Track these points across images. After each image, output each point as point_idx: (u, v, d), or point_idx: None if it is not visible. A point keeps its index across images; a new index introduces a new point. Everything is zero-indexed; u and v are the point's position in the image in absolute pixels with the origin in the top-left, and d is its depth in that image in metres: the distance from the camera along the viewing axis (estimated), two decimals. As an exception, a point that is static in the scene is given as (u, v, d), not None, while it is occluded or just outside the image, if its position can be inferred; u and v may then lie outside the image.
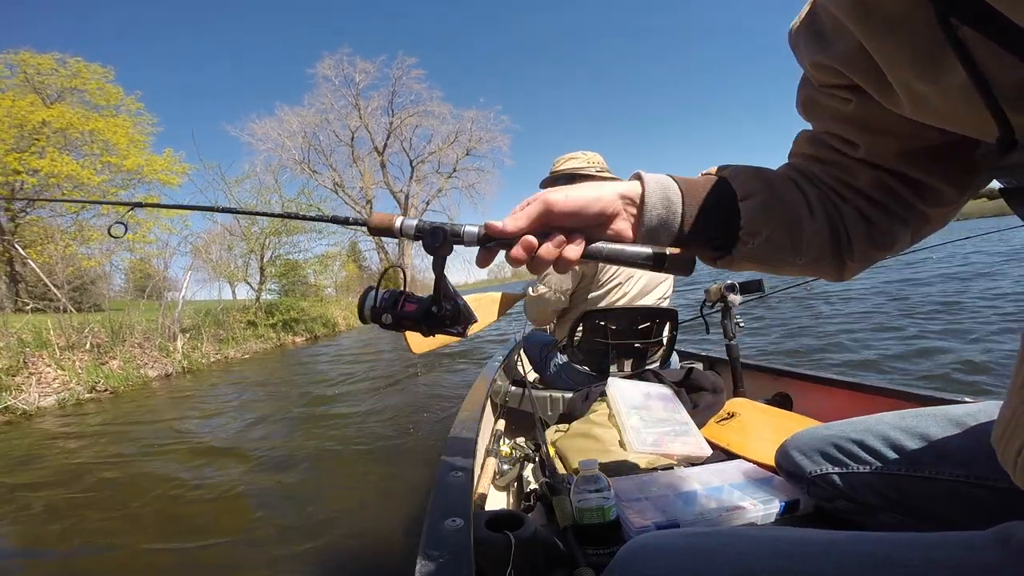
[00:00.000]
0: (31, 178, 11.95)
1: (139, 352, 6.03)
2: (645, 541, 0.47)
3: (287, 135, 27.89)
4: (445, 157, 31.20)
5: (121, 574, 1.67)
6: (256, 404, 4.26)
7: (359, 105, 29.71)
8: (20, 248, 11.46)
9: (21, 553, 1.89)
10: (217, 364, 7.03)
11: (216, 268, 9.49)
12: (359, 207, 28.90)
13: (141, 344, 6.18)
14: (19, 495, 2.35)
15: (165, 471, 2.57)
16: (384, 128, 30.33)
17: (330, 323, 11.21)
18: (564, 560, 0.71)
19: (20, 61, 13.75)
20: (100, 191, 13.44)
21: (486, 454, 1.34)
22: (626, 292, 1.58)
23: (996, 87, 0.29)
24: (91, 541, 1.86)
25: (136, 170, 13.83)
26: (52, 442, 3.37)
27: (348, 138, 29.85)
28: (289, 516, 1.95)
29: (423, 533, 0.63)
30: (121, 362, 5.54)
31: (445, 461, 0.92)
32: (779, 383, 1.50)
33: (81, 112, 13.57)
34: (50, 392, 4.46)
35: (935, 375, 2.72)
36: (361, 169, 30.13)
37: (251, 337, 8.42)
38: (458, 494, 0.76)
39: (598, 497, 0.77)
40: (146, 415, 4.08)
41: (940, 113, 0.34)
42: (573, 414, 1.41)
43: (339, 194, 27.88)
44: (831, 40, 0.38)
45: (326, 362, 6.60)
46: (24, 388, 4.36)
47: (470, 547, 0.59)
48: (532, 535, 0.65)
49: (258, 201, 10.16)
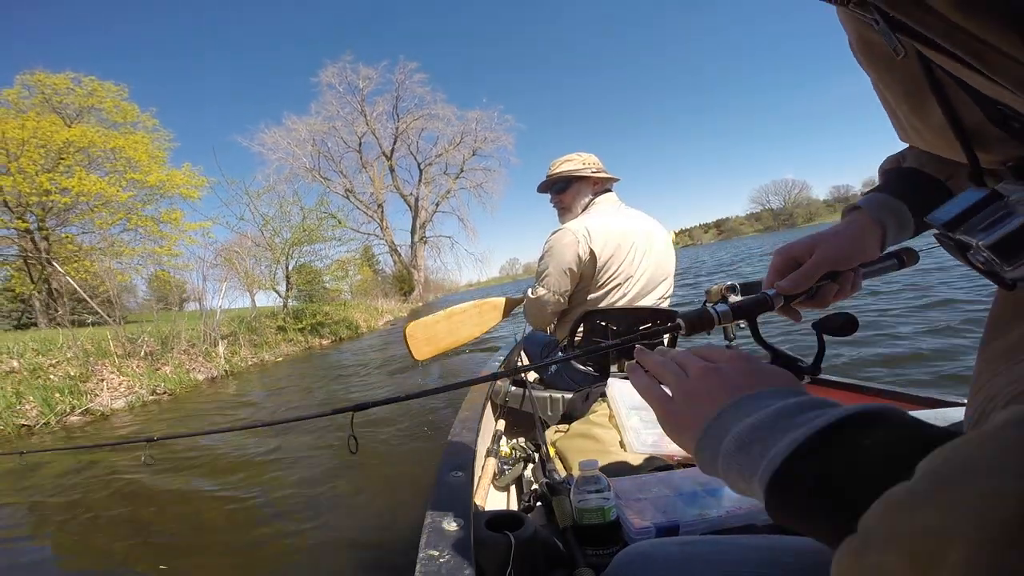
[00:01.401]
0: (64, 197, 12.48)
1: (186, 358, 6.47)
2: (640, 549, 0.48)
3: (296, 144, 28.41)
4: (452, 159, 31.57)
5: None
6: (289, 403, 4.61)
7: (364, 111, 30.13)
8: (58, 266, 12.05)
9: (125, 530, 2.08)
10: (254, 366, 7.47)
11: (247, 278, 9.94)
12: (370, 212, 29.39)
13: (187, 351, 6.63)
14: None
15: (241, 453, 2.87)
16: (391, 133, 30.74)
17: (352, 326, 11.65)
18: (564, 560, 0.71)
19: (37, 81, 14.22)
20: (127, 207, 14.02)
21: (486, 454, 1.34)
22: (626, 293, 1.56)
23: (967, 126, 0.32)
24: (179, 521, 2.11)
25: (159, 185, 14.37)
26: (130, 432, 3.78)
27: (356, 144, 30.30)
28: (289, 516, 1.97)
29: (423, 533, 0.63)
30: (172, 367, 5.99)
31: (445, 461, 0.92)
32: None
33: (101, 130, 14.04)
34: (119, 396, 4.91)
35: (936, 376, 2.65)
36: (371, 174, 30.57)
37: (282, 341, 8.87)
38: (458, 494, 0.76)
39: (598, 498, 0.77)
40: (205, 411, 4.51)
41: (932, 145, 0.37)
42: (573, 414, 1.41)
43: (351, 200, 28.37)
44: (858, 61, 0.39)
45: (349, 364, 6.96)
46: (98, 393, 4.81)
47: (470, 547, 0.60)
48: (532, 535, 0.65)
49: (279, 214, 10.59)
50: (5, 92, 14.16)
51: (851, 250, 0.50)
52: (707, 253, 37.47)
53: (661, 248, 1.63)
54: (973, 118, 0.31)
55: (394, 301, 21.52)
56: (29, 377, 4.75)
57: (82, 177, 12.76)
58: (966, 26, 0.24)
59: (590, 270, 1.54)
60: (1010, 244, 0.27)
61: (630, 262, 1.54)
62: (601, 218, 1.56)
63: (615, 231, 1.53)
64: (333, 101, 29.70)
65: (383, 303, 18.99)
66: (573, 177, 1.65)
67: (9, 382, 4.63)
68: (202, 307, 7.79)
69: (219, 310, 7.74)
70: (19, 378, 4.73)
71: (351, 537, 1.74)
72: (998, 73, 0.26)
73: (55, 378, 4.83)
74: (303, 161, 28.24)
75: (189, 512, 2.22)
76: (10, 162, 12.00)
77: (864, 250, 0.50)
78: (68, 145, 12.86)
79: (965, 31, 0.25)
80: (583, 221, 1.55)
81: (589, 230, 1.52)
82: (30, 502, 2.54)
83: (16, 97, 14.11)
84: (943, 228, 0.31)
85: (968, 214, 0.29)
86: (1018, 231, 0.27)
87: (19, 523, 2.34)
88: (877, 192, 0.52)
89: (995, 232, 0.28)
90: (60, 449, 1.26)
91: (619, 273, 1.54)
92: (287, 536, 1.82)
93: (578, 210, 1.66)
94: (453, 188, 31.65)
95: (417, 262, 29.60)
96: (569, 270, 1.54)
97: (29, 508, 2.47)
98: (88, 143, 13.24)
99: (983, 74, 0.27)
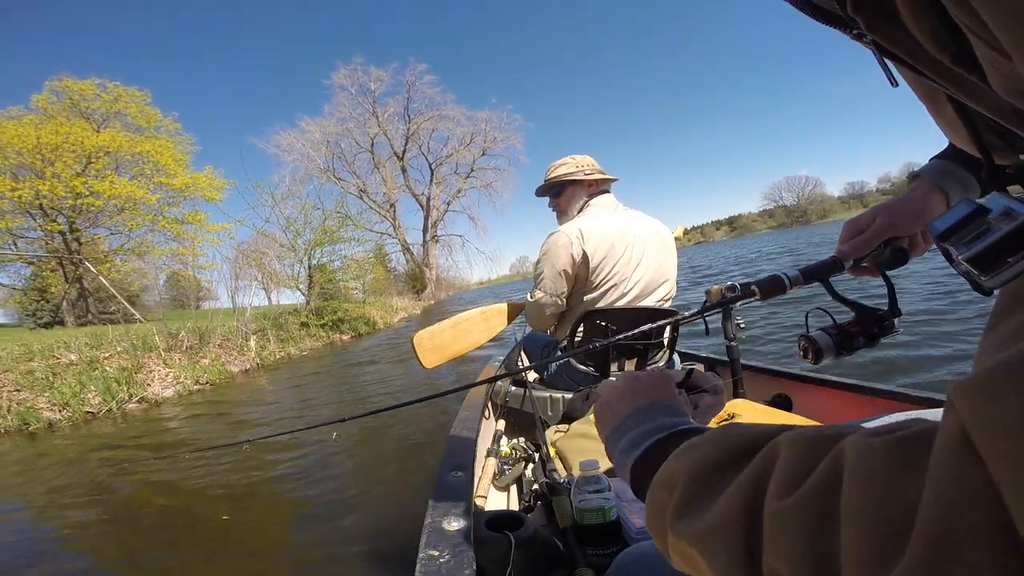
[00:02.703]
0: (97, 200, 13.06)
1: (221, 352, 6.92)
2: (643, 549, 0.49)
3: (311, 145, 28.98)
4: (462, 158, 31.91)
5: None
6: (311, 395, 4.93)
7: (376, 112, 30.58)
8: (91, 266, 12.65)
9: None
10: (282, 360, 7.91)
11: (273, 277, 10.44)
12: (383, 212, 29.89)
13: (221, 344, 7.08)
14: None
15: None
16: (402, 134, 31.16)
17: (370, 322, 12.10)
18: (564, 560, 0.72)
19: (65, 88, 14.66)
20: (154, 210, 14.60)
21: (486, 454, 1.33)
22: (623, 294, 1.56)
23: (977, 121, 0.34)
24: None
25: (184, 188, 14.92)
26: (186, 420, 4.21)
27: (368, 145, 30.79)
28: (289, 515, 1.99)
29: (423, 533, 0.64)
30: (210, 360, 6.43)
31: (445, 461, 0.92)
32: (779, 384, 1.49)
33: (129, 136, 14.51)
34: (168, 385, 5.36)
35: (937, 377, 2.62)
36: (383, 175, 31.04)
37: (305, 336, 9.31)
38: (458, 494, 0.76)
39: (599, 498, 0.77)
40: (244, 399, 4.93)
41: (953, 138, 0.38)
42: (573, 414, 1.40)
43: (364, 199, 28.84)
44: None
45: (367, 359, 7.33)
46: (149, 383, 5.25)
47: (470, 547, 0.60)
48: (532, 535, 0.65)
49: (301, 216, 11.08)
50: (35, 98, 14.71)
51: (910, 215, 0.54)
52: (725, 249, 36.63)
53: (660, 249, 1.63)
54: (982, 125, 0.34)
55: (407, 299, 21.99)
56: (87, 369, 5.21)
57: (113, 181, 13.32)
58: (951, 67, 0.27)
59: (584, 271, 1.55)
60: (985, 259, 0.29)
61: (626, 263, 1.55)
62: (595, 219, 1.58)
63: (609, 232, 1.55)
64: (345, 103, 30.26)
65: (397, 301, 19.46)
66: (567, 181, 1.68)
67: (71, 373, 5.09)
68: (234, 304, 8.25)
69: (249, 307, 8.20)
70: (79, 370, 5.18)
71: (351, 537, 1.74)
72: (976, 100, 0.29)
73: (110, 370, 5.28)
74: (317, 162, 28.85)
75: (185, 510, 2.27)
76: (45, 167, 12.62)
77: (926, 212, 0.53)
78: (99, 150, 13.41)
79: (951, 70, 0.27)
80: (577, 223, 1.57)
81: (582, 231, 1.54)
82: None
83: (46, 103, 14.63)
84: (937, 238, 0.33)
85: (957, 227, 0.32)
86: (992, 247, 0.29)
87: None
88: (937, 159, 0.55)
89: (973, 247, 0.30)
90: (279, 434, 1.53)
91: (614, 274, 1.54)
92: (286, 535, 1.81)
93: (574, 213, 1.68)
94: (464, 187, 32.05)
95: (429, 261, 30.07)
96: (564, 272, 1.57)
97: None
98: (117, 147, 13.76)
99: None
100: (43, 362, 5.26)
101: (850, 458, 0.18)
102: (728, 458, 0.25)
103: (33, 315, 15.03)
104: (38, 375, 4.95)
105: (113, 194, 13.12)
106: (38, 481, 2.97)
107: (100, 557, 1.96)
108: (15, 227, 13.33)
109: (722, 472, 0.25)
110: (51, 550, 2.06)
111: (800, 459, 0.21)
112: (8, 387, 4.70)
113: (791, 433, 0.23)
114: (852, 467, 0.18)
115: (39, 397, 4.68)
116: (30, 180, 12.34)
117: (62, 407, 4.60)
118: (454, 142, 31.75)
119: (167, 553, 1.91)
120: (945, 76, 0.29)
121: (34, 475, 3.13)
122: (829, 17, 0.32)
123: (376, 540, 1.72)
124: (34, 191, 12.15)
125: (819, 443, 0.21)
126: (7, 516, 2.49)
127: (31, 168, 12.49)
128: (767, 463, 0.22)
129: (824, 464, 0.19)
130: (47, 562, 1.94)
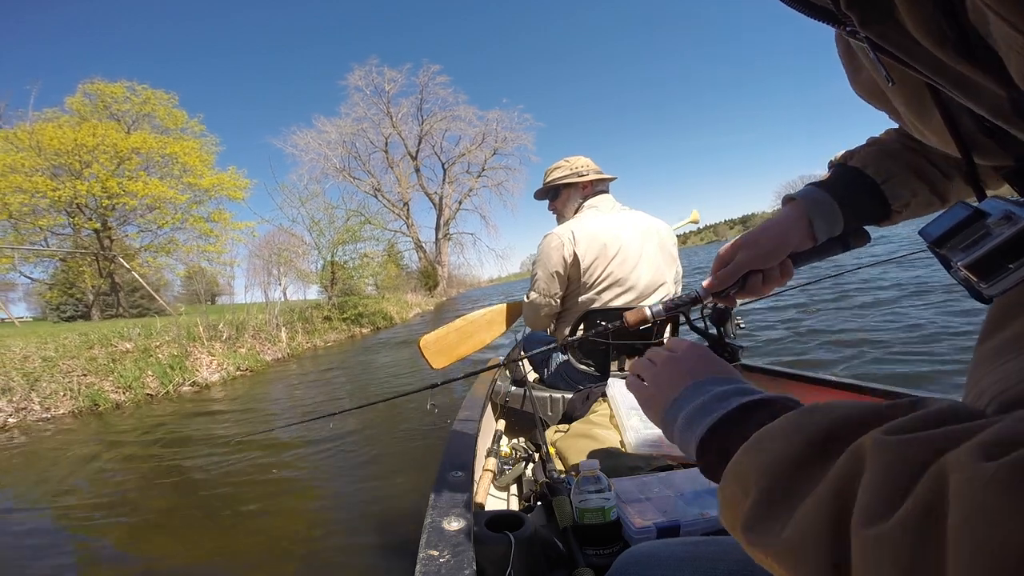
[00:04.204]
0: (132, 200, 13.73)
1: (256, 342, 7.46)
2: (645, 549, 0.49)
3: (326, 145, 29.63)
4: (474, 157, 32.33)
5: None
6: (334, 382, 5.42)
7: (390, 112, 31.10)
8: (124, 262, 13.35)
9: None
10: (309, 350, 8.46)
11: (299, 274, 11.06)
12: (397, 210, 30.48)
13: (255, 335, 7.62)
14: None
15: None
16: (415, 134, 31.67)
17: (387, 317, 12.66)
18: (564, 560, 0.72)
19: (97, 90, 15.30)
20: (183, 209, 15.28)
21: (486, 454, 1.33)
22: (621, 293, 1.56)
23: (964, 132, 0.34)
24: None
25: (211, 188, 15.53)
26: (232, 402, 4.72)
27: (383, 144, 31.36)
28: (288, 515, 1.99)
29: (423, 533, 0.64)
30: (246, 349, 6.97)
31: (445, 461, 0.92)
32: (779, 384, 1.50)
33: (158, 137, 15.13)
34: (213, 371, 5.89)
35: (938, 376, 2.63)
36: (397, 174, 31.60)
37: (329, 329, 9.86)
38: (458, 494, 0.76)
39: (599, 497, 0.76)
40: (282, 383, 5.43)
41: (936, 145, 0.39)
42: (573, 414, 1.40)
43: (379, 198, 29.41)
44: (859, 65, 0.40)
45: (386, 349, 7.85)
46: (198, 369, 5.79)
47: (470, 547, 0.60)
48: (532, 535, 0.65)
49: (326, 217, 11.70)
50: (69, 100, 15.38)
51: (771, 248, 0.55)
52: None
53: (659, 250, 1.62)
54: (968, 126, 0.33)
55: (420, 295, 22.55)
56: (143, 356, 5.75)
57: (145, 181, 13.98)
58: (949, 63, 0.26)
59: (576, 272, 1.56)
60: (985, 265, 0.29)
61: (620, 264, 1.55)
62: (588, 221, 1.59)
63: (599, 233, 1.55)
64: (360, 103, 30.81)
65: (411, 297, 20.02)
66: (561, 185, 1.69)
67: (128, 360, 5.64)
68: (267, 298, 8.82)
69: (279, 302, 8.75)
70: (135, 357, 5.73)
71: (351, 537, 1.75)
72: (976, 100, 0.28)
73: (162, 357, 5.83)
74: (333, 162, 29.52)
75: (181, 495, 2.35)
76: (83, 168, 13.32)
77: (788, 244, 0.55)
78: (130, 151, 14.06)
79: (948, 66, 0.27)
80: (570, 225, 1.59)
81: (574, 233, 1.55)
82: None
83: (79, 104, 15.21)
84: (932, 244, 0.32)
85: (953, 232, 0.31)
86: (992, 252, 0.28)
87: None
88: (814, 186, 0.56)
89: (972, 253, 0.29)
90: (363, 406, 1.61)
91: (607, 275, 1.54)
92: (285, 535, 1.82)
93: (570, 215, 1.70)
94: (475, 186, 32.49)
95: (441, 258, 30.60)
96: (556, 273, 1.58)
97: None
98: (147, 149, 14.38)
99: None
100: (103, 350, 5.81)
101: (957, 485, 0.15)
102: (804, 457, 0.23)
103: (57, 309, 15.44)
104: (100, 361, 5.50)
105: (145, 193, 13.78)
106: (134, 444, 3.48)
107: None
108: (53, 226, 14.06)
109: (797, 475, 0.23)
110: (137, 499, 2.50)
111: (891, 475, 0.18)
112: (77, 372, 5.26)
113: (877, 436, 0.20)
114: (960, 496, 0.15)
115: (104, 381, 5.22)
116: (69, 180, 13.02)
117: (125, 389, 5.15)
118: (466, 142, 32.22)
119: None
120: (941, 73, 0.28)
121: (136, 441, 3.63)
122: (823, 13, 0.32)
123: (375, 539, 1.70)
124: (73, 191, 12.83)
125: (911, 453, 0.18)
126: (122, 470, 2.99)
127: (69, 169, 13.18)
128: (850, 472, 0.20)
129: (924, 488, 0.17)
130: (154, 497, 2.41)
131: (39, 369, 5.08)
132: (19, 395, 4.71)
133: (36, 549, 2.02)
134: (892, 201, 0.52)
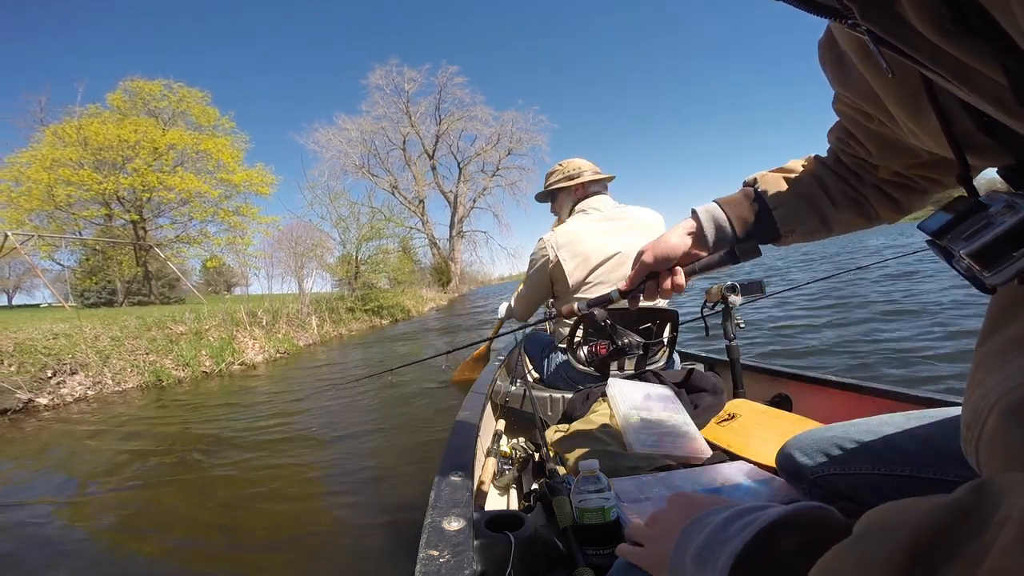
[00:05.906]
0: (170, 194, 14.57)
1: (289, 328, 8.15)
2: None
3: (347, 142, 30.40)
4: (489, 157, 32.79)
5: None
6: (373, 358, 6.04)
7: (409, 111, 31.74)
8: (160, 252, 14.20)
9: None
10: (335, 338, 9.14)
11: (328, 268, 11.82)
12: (413, 207, 31.21)
13: (288, 322, 8.31)
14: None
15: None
16: (433, 133, 32.24)
17: (404, 309, 13.36)
18: (564, 560, 0.72)
19: (136, 88, 15.94)
20: (215, 203, 16.09)
21: (486, 454, 1.33)
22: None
23: (959, 132, 0.34)
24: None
25: (241, 184, 16.23)
26: (278, 378, 5.21)
27: (400, 143, 32.05)
28: (287, 514, 1.99)
29: (423, 533, 0.64)
30: (282, 334, 7.65)
31: (445, 461, 0.92)
32: (779, 384, 1.50)
33: (192, 134, 15.89)
34: (257, 353, 6.57)
35: (939, 376, 2.62)
36: (414, 172, 32.27)
37: (352, 320, 10.55)
38: (458, 494, 0.77)
39: (598, 497, 0.76)
40: (318, 363, 6.06)
41: (928, 147, 0.40)
42: (573, 414, 1.40)
43: (395, 195, 30.10)
44: (849, 68, 0.41)
45: (405, 339, 8.46)
46: (244, 351, 6.47)
47: (470, 547, 0.60)
48: (532, 535, 0.66)
49: (352, 214, 12.43)
50: (110, 97, 16.14)
51: (663, 254, 0.60)
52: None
53: None
54: (965, 125, 0.33)
55: (434, 291, 23.27)
56: (195, 338, 6.44)
57: (182, 176, 14.81)
58: (949, 50, 0.26)
59: (559, 274, 1.59)
60: (988, 253, 0.29)
61: (606, 268, 1.56)
62: (575, 224, 1.61)
63: (582, 236, 1.57)
64: (380, 101, 31.44)
65: (426, 292, 20.73)
66: (556, 189, 1.73)
67: (183, 341, 6.33)
68: (301, 289, 9.54)
69: (308, 293, 9.45)
70: (188, 338, 6.42)
71: (350, 537, 1.75)
72: (978, 90, 0.28)
73: (212, 339, 6.52)
74: (353, 159, 30.30)
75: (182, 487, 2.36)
76: (125, 162, 14.17)
77: (677, 251, 0.60)
78: (168, 147, 14.87)
79: (948, 54, 0.27)
80: (560, 228, 1.62)
81: (557, 237, 1.58)
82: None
83: (120, 101, 15.88)
84: (932, 236, 0.32)
85: (953, 223, 0.31)
86: (995, 240, 0.28)
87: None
88: (717, 203, 0.61)
89: (975, 241, 0.29)
90: (405, 364, 1.75)
91: (591, 279, 1.56)
92: (284, 534, 1.83)
93: (565, 217, 1.73)
94: (489, 186, 33.00)
95: (454, 255, 31.21)
96: (540, 275, 1.65)
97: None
98: (183, 145, 15.19)
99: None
100: (160, 332, 6.52)
101: None
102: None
103: (82, 295, 15.81)
104: (159, 342, 6.20)
105: (182, 188, 14.59)
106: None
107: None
108: (93, 217, 14.95)
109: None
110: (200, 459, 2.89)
111: None
112: (140, 351, 5.96)
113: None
114: None
115: (164, 359, 5.91)
116: (112, 173, 13.87)
117: (184, 366, 5.83)
118: (481, 141, 32.69)
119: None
120: (941, 63, 0.28)
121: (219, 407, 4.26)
122: (824, 9, 0.32)
123: (375, 539, 1.70)
124: (116, 183, 13.67)
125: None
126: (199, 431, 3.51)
127: (111, 163, 14.01)
128: None
129: None
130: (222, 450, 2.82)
131: (108, 347, 5.78)
132: (94, 370, 5.40)
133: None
134: (781, 227, 0.58)
